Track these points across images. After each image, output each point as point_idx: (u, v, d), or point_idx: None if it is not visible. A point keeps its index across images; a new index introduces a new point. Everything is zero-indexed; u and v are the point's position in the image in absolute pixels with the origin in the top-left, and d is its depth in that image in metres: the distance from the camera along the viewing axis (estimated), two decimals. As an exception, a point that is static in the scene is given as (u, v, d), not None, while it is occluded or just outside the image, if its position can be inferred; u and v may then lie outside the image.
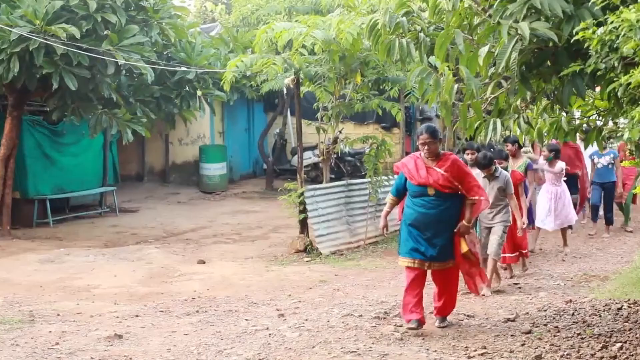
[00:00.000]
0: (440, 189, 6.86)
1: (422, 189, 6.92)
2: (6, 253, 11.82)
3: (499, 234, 8.64)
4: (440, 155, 6.98)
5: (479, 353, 6.21)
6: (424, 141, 6.88)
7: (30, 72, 12.32)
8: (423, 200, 6.94)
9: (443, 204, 6.90)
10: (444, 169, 6.88)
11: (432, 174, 6.89)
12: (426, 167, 6.93)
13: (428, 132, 6.91)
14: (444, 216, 6.92)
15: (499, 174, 8.73)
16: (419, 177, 6.94)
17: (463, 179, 6.91)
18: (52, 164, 15.59)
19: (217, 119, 20.76)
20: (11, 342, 6.79)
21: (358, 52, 10.96)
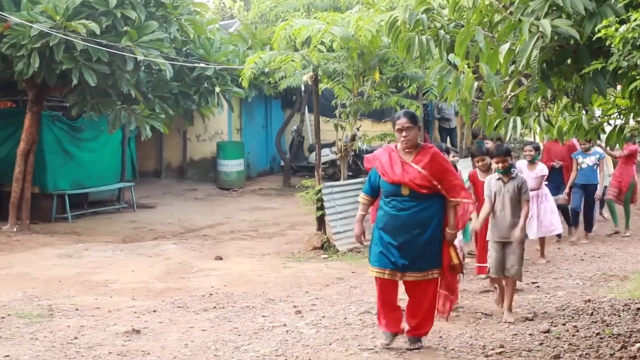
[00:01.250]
0: (417, 189, 6.04)
1: (396, 187, 6.10)
2: (25, 247, 11.90)
3: (518, 252, 7.35)
4: (418, 148, 6.19)
5: (497, 352, 6.19)
6: (402, 126, 6.10)
7: (50, 68, 12.39)
8: (395, 200, 6.11)
9: (418, 206, 6.07)
10: (421, 165, 6.07)
11: (408, 171, 6.08)
12: (401, 162, 6.11)
13: (407, 116, 6.16)
14: (418, 220, 6.07)
15: (516, 174, 7.51)
16: (392, 173, 6.11)
17: (443, 176, 6.10)
18: (71, 159, 15.68)
19: (234, 115, 20.78)
20: (30, 336, 6.85)
21: (377, 49, 10.93)
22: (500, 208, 7.40)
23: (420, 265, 6.11)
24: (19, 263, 10.51)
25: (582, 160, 12.05)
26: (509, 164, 7.49)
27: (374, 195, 6.33)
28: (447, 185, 6.09)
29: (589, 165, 12.01)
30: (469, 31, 5.08)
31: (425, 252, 6.09)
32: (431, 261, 6.14)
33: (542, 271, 9.73)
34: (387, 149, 6.26)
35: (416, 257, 6.08)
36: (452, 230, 6.16)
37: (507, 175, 7.45)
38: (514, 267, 7.33)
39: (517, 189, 7.38)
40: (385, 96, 12.48)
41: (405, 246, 6.07)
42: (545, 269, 9.89)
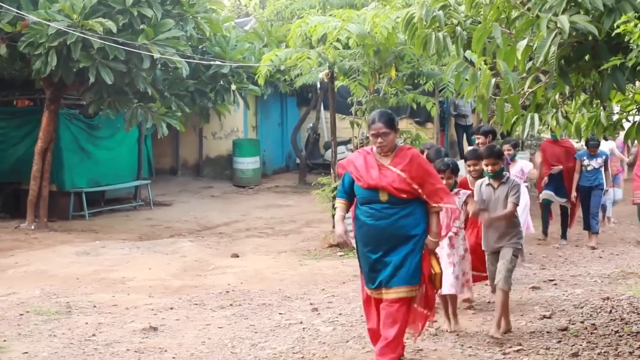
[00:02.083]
0: (395, 194, 5.50)
1: (373, 193, 5.56)
2: (43, 245, 11.97)
3: (507, 257, 6.63)
4: (396, 150, 5.65)
5: (514, 350, 6.17)
6: (377, 132, 5.55)
7: (67, 66, 12.45)
8: (372, 208, 5.56)
9: (398, 213, 5.53)
10: (400, 168, 5.54)
11: (386, 174, 5.54)
12: (378, 165, 5.59)
13: (382, 120, 5.57)
14: (399, 228, 5.53)
15: (506, 179, 6.89)
16: (368, 177, 5.56)
17: (424, 180, 5.56)
18: (88, 157, 15.74)
19: (250, 113, 20.81)
20: (49, 333, 6.89)
21: (393, 46, 10.89)
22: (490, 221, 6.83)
23: (399, 279, 5.54)
24: (37, 260, 10.57)
25: (587, 163, 11.53)
26: (499, 168, 6.87)
27: (350, 199, 5.79)
28: (428, 189, 5.56)
29: (595, 168, 11.52)
30: (486, 28, 5.07)
31: (405, 264, 5.54)
32: (410, 277, 5.55)
33: (559, 269, 9.68)
34: (362, 152, 5.75)
35: (396, 270, 5.53)
36: (435, 239, 5.66)
37: (497, 180, 6.84)
38: (500, 274, 6.57)
39: (507, 193, 6.77)
40: (402, 93, 12.44)
41: (386, 258, 5.54)
42: (563, 266, 9.84)
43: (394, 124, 5.63)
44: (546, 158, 11.64)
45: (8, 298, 8.26)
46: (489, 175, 6.86)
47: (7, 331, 6.93)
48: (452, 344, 6.38)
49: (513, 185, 6.81)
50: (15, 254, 11.15)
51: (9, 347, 6.43)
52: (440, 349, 6.23)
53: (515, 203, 6.74)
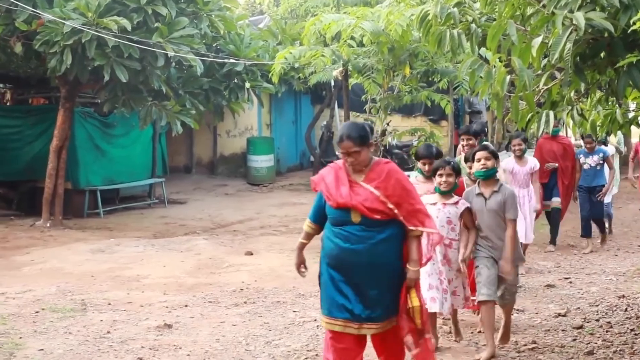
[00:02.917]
0: (368, 214, 4.80)
1: (344, 213, 4.87)
2: (58, 243, 12.02)
3: (511, 277, 6.01)
4: (371, 165, 4.95)
5: (529, 348, 6.16)
6: (346, 151, 4.86)
7: (82, 65, 12.49)
8: (345, 230, 4.87)
9: (375, 237, 4.82)
10: (374, 185, 4.86)
11: (358, 192, 4.86)
12: (350, 181, 4.91)
13: (352, 139, 4.83)
14: (378, 254, 4.82)
15: (499, 187, 6.01)
16: (338, 195, 4.89)
17: (402, 199, 4.85)
18: (103, 155, 15.80)
19: (264, 111, 20.84)
20: (64, 330, 6.92)
21: (407, 44, 10.88)
22: (486, 229, 5.98)
23: (384, 314, 4.88)
24: (52, 258, 10.62)
25: (583, 160, 10.87)
26: (492, 165, 6.04)
27: (321, 222, 5.11)
28: (406, 209, 4.85)
29: (592, 166, 10.83)
30: (501, 25, 5.04)
31: (389, 296, 4.88)
32: (391, 307, 4.89)
33: (574, 267, 9.64)
34: (334, 167, 5.05)
35: (380, 303, 4.86)
36: (415, 267, 4.89)
37: (489, 186, 6.02)
38: (506, 295, 6.03)
39: (501, 205, 5.91)
40: (416, 91, 12.44)
41: (365, 289, 4.84)
42: (578, 264, 9.79)
43: (365, 140, 4.87)
44: (542, 155, 10.59)
45: (24, 295, 8.31)
46: (479, 173, 6.02)
47: (23, 328, 6.97)
48: (466, 342, 6.37)
49: (508, 195, 5.93)
50: (31, 251, 11.21)
51: (25, 344, 6.47)
52: (455, 346, 6.22)
53: (514, 219, 5.92)
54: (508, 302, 6.09)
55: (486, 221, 5.96)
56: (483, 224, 5.98)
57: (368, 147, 4.91)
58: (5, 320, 7.21)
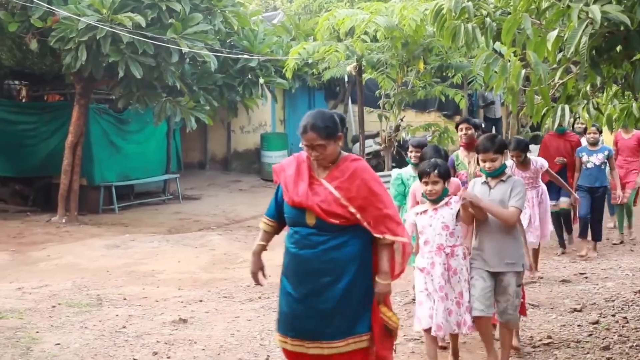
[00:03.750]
0: (323, 217, 4.22)
1: (299, 213, 4.31)
2: (74, 238, 12.09)
3: (511, 291, 5.32)
4: (338, 160, 4.35)
5: (544, 343, 6.14)
6: (310, 143, 4.27)
7: (97, 61, 12.55)
8: (297, 233, 4.34)
9: (328, 242, 4.25)
10: (335, 184, 4.27)
11: (317, 191, 4.28)
12: (310, 177, 4.34)
13: (316, 130, 4.23)
14: (328, 262, 4.24)
15: (507, 177, 5.48)
16: (294, 192, 4.31)
17: (368, 202, 4.25)
18: (118, 151, 15.86)
19: (278, 107, 20.85)
20: (80, 325, 6.96)
21: (421, 39, 10.87)
22: (485, 223, 5.40)
23: (332, 331, 4.27)
24: (68, 253, 10.69)
25: (587, 159, 10.01)
26: (500, 165, 5.48)
27: (280, 219, 4.55)
28: (372, 214, 4.25)
29: (596, 165, 9.99)
30: (515, 18, 5.02)
31: (340, 310, 4.26)
32: (351, 323, 4.28)
33: (590, 262, 9.59)
34: (297, 158, 4.46)
35: (326, 319, 4.27)
36: (384, 281, 4.31)
37: (496, 178, 5.47)
38: (508, 310, 5.35)
39: (507, 194, 5.37)
40: (430, 86, 12.42)
41: (312, 301, 4.28)
42: (594, 259, 9.74)
43: (333, 132, 4.27)
44: (549, 153, 9.96)
45: (40, 290, 8.36)
46: (486, 173, 5.50)
47: (40, 323, 7.02)
48: (481, 337, 6.34)
49: (515, 184, 5.40)
50: (47, 247, 11.28)
51: (41, 338, 6.52)
52: (470, 341, 6.20)
53: (518, 208, 5.33)
54: (512, 318, 5.38)
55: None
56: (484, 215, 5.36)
57: (336, 141, 4.30)
58: (22, 314, 7.26)
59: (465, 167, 7.09)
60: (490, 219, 5.33)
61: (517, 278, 5.33)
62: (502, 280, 5.28)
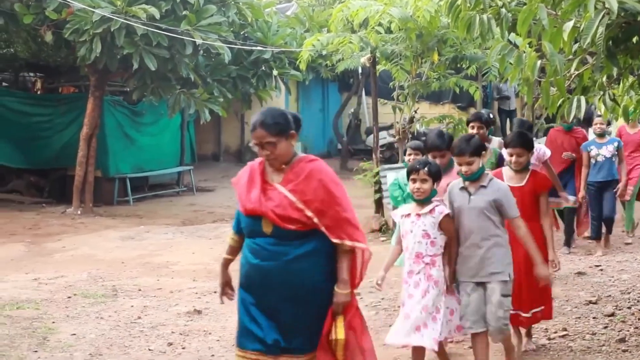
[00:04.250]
0: (280, 224, 4.00)
1: (254, 222, 4.10)
2: (89, 230, 12.15)
3: (496, 301, 4.91)
4: (293, 161, 4.15)
5: (560, 335, 6.13)
6: (260, 141, 4.08)
7: (112, 53, 12.59)
8: (256, 243, 4.11)
9: (290, 252, 4.02)
10: (290, 187, 4.05)
11: (271, 197, 4.06)
12: (262, 182, 4.12)
13: (265, 126, 4.05)
14: (294, 274, 4.03)
15: (488, 181, 5.03)
16: (247, 200, 4.12)
17: (326, 205, 4.02)
18: (132, 143, 15.92)
19: (292, 99, 20.84)
20: (96, 315, 7.01)
21: (435, 30, 10.79)
22: (466, 232, 4.99)
23: (301, 344, 4.07)
24: (83, 245, 10.75)
25: (596, 152, 9.45)
26: (477, 168, 5.00)
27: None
28: (331, 218, 4.02)
29: (607, 158, 9.43)
30: (531, 9, 4.98)
31: (311, 322, 4.07)
32: (315, 336, 4.09)
33: (605, 254, 9.53)
34: (251, 165, 4.26)
35: (294, 331, 4.07)
36: (344, 290, 4.07)
37: (475, 183, 5.02)
38: (493, 319, 4.91)
39: (491, 205, 4.93)
40: (444, 78, 12.35)
41: (276, 313, 4.08)
42: (609, 252, 9.69)
43: (284, 129, 4.08)
44: (555, 149, 9.19)
45: (56, 281, 8.42)
46: (463, 177, 5.06)
47: (56, 313, 7.07)
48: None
49: (500, 191, 4.99)
50: (63, 238, 11.35)
51: (57, 329, 6.57)
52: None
53: (518, 216, 5.02)
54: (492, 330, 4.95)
55: (466, 222, 4.96)
56: (463, 225, 4.98)
57: (287, 139, 4.09)
58: (39, 305, 7.32)
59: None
60: (470, 227, 4.94)
61: (502, 287, 4.90)
62: (485, 289, 4.94)
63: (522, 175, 5.67)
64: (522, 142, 5.68)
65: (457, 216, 4.99)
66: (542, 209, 5.62)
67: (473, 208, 4.93)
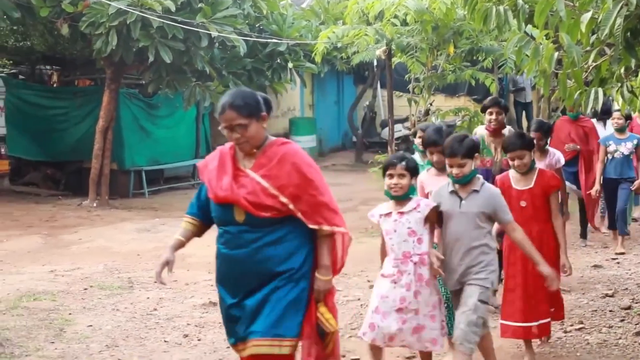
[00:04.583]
0: (252, 211, 3.80)
1: (226, 210, 3.89)
2: (105, 222, 12.20)
3: (470, 303, 4.57)
4: (265, 145, 3.95)
5: (576, 328, 6.11)
6: (229, 124, 3.86)
7: (127, 46, 12.60)
8: (227, 232, 3.94)
9: (261, 239, 3.84)
10: (262, 172, 3.86)
11: (243, 183, 3.86)
12: (234, 168, 3.93)
13: (235, 108, 3.83)
14: (263, 262, 3.85)
15: (480, 185, 4.71)
16: (218, 187, 3.91)
17: (301, 190, 3.84)
18: (147, 136, 15.96)
19: (307, 91, 20.83)
20: (112, 307, 7.05)
21: (451, 22, 10.76)
22: (453, 239, 4.71)
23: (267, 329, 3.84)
24: (99, 237, 10.80)
25: (614, 149, 9.13)
26: (469, 171, 4.68)
27: (203, 218, 4.17)
28: (307, 203, 3.84)
29: (625, 154, 9.12)
30: (548, 0, 4.96)
31: (271, 306, 3.85)
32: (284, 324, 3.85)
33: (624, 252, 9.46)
34: (221, 150, 4.06)
35: (262, 317, 3.84)
36: (325, 277, 3.93)
37: (466, 187, 4.71)
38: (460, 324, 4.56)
39: (483, 211, 4.66)
40: (460, 70, 12.30)
41: (246, 303, 3.89)
42: (626, 245, 9.62)
43: (255, 110, 3.88)
44: (560, 139, 9.10)
45: (73, 273, 8.46)
46: (453, 180, 4.75)
47: (73, 305, 7.11)
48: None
49: (492, 197, 4.70)
50: (79, 230, 11.40)
51: (74, 320, 6.61)
52: (499, 326, 6.17)
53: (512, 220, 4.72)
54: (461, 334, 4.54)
55: (455, 228, 4.68)
56: (450, 231, 4.70)
57: (259, 121, 3.89)
58: (55, 296, 7.36)
59: (491, 154, 6.66)
60: (459, 234, 4.64)
61: (482, 292, 4.56)
62: (464, 291, 4.61)
63: (528, 176, 5.42)
64: (521, 144, 5.40)
65: (445, 221, 4.71)
66: (553, 210, 5.40)
67: (464, 213, 4.64)
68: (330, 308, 3.99)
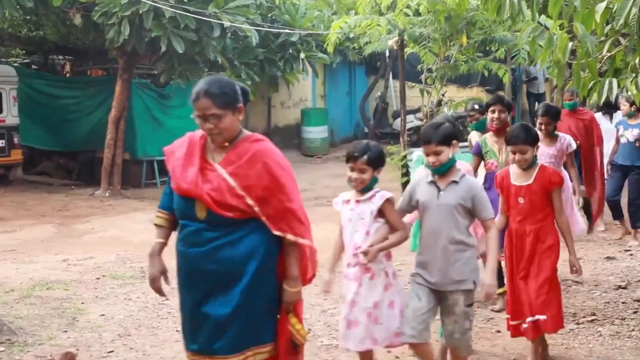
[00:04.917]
0: (216, 210, 3.53)
1: (188, 204, 3.62)
2: (117, 212, 12.24)
3: (459, 312, 4.36)
4: (238, 139, 3.68)
5: (588, 320, 6.08)
6: (203, 113, 3.57)
7: (140, 36, 12.63)
8: (187, 228, 3.66)
9: (219, 239, 3.57)
10: (230, 170, 3.59)
11: (209, 178, 3.58)
12: (201, 161, 3.64)
13: (210, 96, 3.55)
14: (220, 262, 3.56)
15: (461, 177, 4.41)
16: (182, 179, 3.62)
17: (270, 193, 3.57)
18: (160, 126, 15.98)
19: (319, 82, 20.81)
20: (124, 297, 7.07)
21: (464, 12, 10.69)
22: (430, 232, 4.43)
23: (225, 344, 3.58)
24: (111, 227, 10.83)
25: (621, 133, 9.03)
26: (446, 159, 4.38)
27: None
28: (273, 208, 3.59)
29: (630, 141, 8.97)
30: (563, -10, 4.92)
31: (237, 319, 3.58)
32: (249, 333, 3.62)
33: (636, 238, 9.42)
34: (191, 137, 3.76)
35: (221, 330, 3.58)
36: (293, 288, 3.67)
37: (444, 178, 4.42)
38: (455, 334, 4.39)
39: (462, 204, 4.35)
40: (472, 60, 12.24)
41: (204, 307, 3.61)
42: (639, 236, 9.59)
43: (231, 101, 3.61)
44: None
45: (85, 262, 8.50)
46: (431, 169, 4.47)
47: (85, 294, 7.14)
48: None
49: (472, 188, 4.39)
50: (91, 220, 11.45)
51: (87, 309, 6.63)
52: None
53: (493, 218, 4.44)
54: (460, 343, 4.41)
55: (432, 221, 4.40)
56: (427, 224, 4.42)
57: (234, 112, 3.62)
58: (68, 286, 7.40)
59: (495, 156, 6.33)
60: (436, 227, 4.36)
61: (466, 297, 4.34)
62: (447, 299, 4.36)
63: (529, 172, 5.08)
64: (524, 138, 5.05)
65: (422, 214, 4.45)
66: (556, 208, 5.07)
67: (442, 205, 4.35)
68: (299, 316, 3.78)
